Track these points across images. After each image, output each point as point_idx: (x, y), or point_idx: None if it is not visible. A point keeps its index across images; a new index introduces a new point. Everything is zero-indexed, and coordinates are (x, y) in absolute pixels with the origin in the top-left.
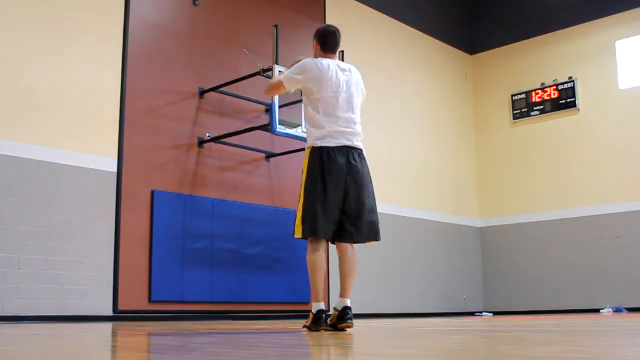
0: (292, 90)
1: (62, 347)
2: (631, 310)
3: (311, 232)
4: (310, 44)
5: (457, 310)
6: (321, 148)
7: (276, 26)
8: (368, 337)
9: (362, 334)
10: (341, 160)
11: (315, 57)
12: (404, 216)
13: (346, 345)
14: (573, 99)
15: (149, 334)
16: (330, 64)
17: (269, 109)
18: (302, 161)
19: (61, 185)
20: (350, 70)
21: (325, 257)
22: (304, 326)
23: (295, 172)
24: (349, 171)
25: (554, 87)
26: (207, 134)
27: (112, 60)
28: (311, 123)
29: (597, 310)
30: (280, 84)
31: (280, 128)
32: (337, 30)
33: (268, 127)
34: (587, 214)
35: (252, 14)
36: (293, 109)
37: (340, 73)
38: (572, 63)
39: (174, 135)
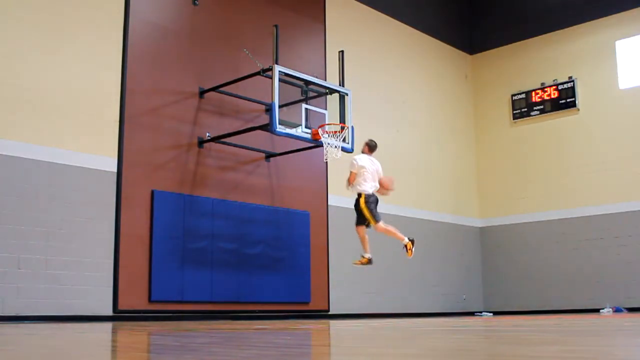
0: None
1: (62, 347)
2: (631, 310)
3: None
4: (310, 43)
5: (457, 310)
6: None
7: (276, 26)
8: (369, 337)
9: (363, 334)
10: None
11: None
12: (404, 216)
13: (347, 345)
14: (573, 99)
15: (149, 334)
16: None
17: (269, 109)
18: (302, 161)
19: (61, 185)
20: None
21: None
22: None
23: (295, 172)
24: None
25: (554, 87)
26: (207, 134)
27: (112, 60)
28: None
29: (597, 310)
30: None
31: (280, 128)
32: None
33: (268, 127)
34: (587, 214)
35: (252, 14)
36: (293, 109)
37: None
38: (572, 63)
39: (174, 135)
